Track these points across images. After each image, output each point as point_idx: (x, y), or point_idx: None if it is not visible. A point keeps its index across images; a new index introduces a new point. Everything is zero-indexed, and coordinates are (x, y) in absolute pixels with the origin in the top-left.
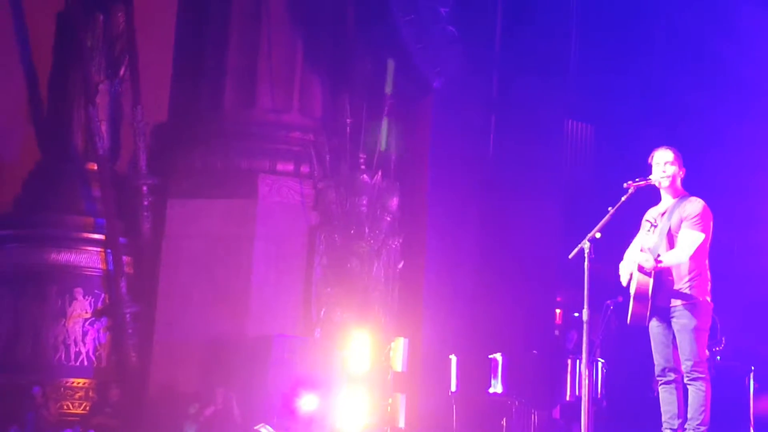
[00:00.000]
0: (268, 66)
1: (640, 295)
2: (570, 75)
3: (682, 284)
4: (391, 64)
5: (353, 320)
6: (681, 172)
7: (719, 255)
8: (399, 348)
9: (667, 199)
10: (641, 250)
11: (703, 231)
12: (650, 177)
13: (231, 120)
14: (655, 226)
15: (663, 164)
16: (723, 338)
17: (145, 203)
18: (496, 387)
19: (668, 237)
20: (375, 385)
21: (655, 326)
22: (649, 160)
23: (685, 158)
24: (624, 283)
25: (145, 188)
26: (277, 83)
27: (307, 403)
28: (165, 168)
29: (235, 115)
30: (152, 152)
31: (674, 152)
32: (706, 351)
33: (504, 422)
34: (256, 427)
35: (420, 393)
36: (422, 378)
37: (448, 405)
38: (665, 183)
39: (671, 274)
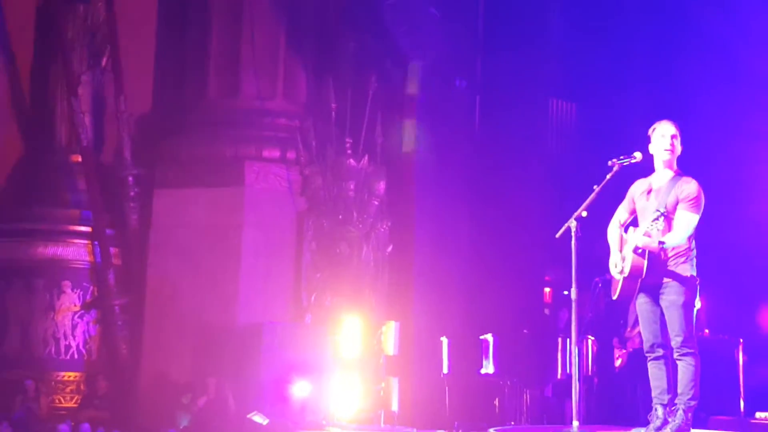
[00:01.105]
0: (251, 52)
1: (633, 274)
2: (553, 54)
3: (671, 262)
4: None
5: (344, 305)
6: (680, 149)
7: (706, 228)
8: (390, 331)
9: (661, 174)
10: (645, 232)
11: (697, 212)
12: (635, 154)
13: (215, 108)
14: (664, 215)
15: (669, 137)
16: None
17: (131, 194)
18: (488, 367)
19: (664, 217)
20: (367, 370)
21: (642, 302)
22: (650, 132)
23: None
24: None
25: (130, 179)
26: (261, 70)
27: (299, 389)
28: (150, 158)
29: (219, 102)
30: (137, 142)
31: (677, 127)
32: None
33: (496, 402)
34: (249, 415)
35: (412, 376)
36: (414, 361)
37: (441, 387)
38: (667, 156)
39: (664, 253)
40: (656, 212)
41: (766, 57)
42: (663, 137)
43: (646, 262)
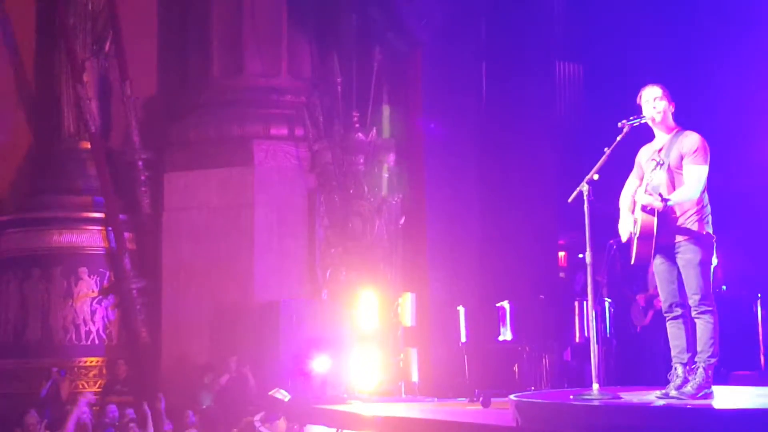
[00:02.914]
0: (254, 30)
1: (645, 234)
2: (557, 17)
3: (684, 219)
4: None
5: (359, 279)
6: (671, 107)
7: (721, 183)
8: (407, 303)
9: (661, 136)
10: (646, 189)
11: (705, 163)
12: (644, 115)
13: (221, 88)
14: (662, 164)
15: (653, 100)
16: (724, 285)
17: (142, 178)
18: (506, 334)
19: (669, 173)
20: (386, 342)
21: (659, 263)
22: (638, 101)
23: (674, 94)
24: (621, 227)
25: (140, 163)
26: (264, 47)
27: (319, 364)
28: (159, 141)
29: (225, 82)
30: (144, 126)
31: (662, 87)
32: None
33: (516, 368)
34: (271, 392)
35: (431, 346)
36: (432, 331)
37: (460, 356)
38: (657, 118)
39: (674, 211)
40: (652, 162)
41: None
42: (647, 102)
43: (656, 220)
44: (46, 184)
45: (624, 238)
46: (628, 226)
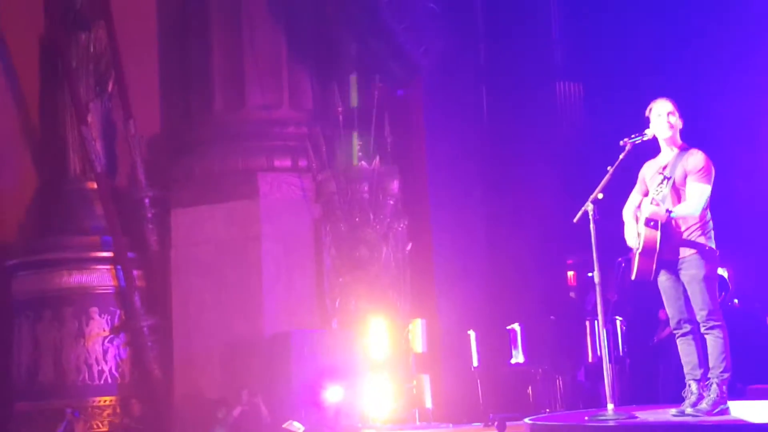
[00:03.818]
0: (254, 63)
1: (648, 249)
2: (555, 37)
3: (687, 235)
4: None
5: (369, 307)
6: (680, 123)
7: (731, 197)
8: (417, 329)
9: (666, 152)
10: (652, 201)
11: (708, 183)
12: (646, 132)
13: (223, 122)
14: (668, 178)
15: (666, 114)
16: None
17: (149, 215)
18: (518, 357)
19: (673, 189)
20: (398, 369)
21: (664, 280)
22: (647, 113)
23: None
24: (628, 237)
25: (146, 201)
26: (265, 80)
27: (332, 394)
28: (164, 178)
29: (227, 117)
30: (149, 164)
31: (673, 103)
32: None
33: (530, 391)
34: (285, 425)
35: (443, 372)
36: (443, 357)
37: (472, 380)
38: (667, 134)
39: (678, 226)
40: (660, 176)
41: None
42: (659, 116)
43: (659, 234)
44: (53, 226)
45: (632, 244)
46: (633, 233)
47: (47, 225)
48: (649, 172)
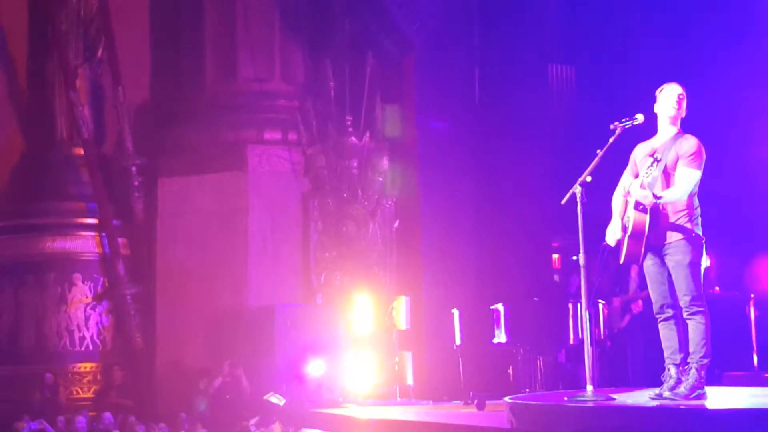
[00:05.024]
0: (246, 35)
1: (637, 232)
2: (549, 19)
3: (674, 221)
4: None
5: (354, 283)
6: (684, 112)
7: (715, 185)
8: (401, 306)
9: (663, 134)
10: (641, 184)
11: (698, 168)
12: (637, 116)
13: (214, 93)
14: (658, 161)
15: (677, 96)
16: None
17: (135, 184)
18: (500, 337)
19: (664, 173)
20: (381, 345)
21: (649, 264)
22: (657, 92)
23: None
24: (609, 232)
25: (133, 169)
26: (257, 52)
27: (314, 368)
28: (152, 147)
29: (218, 87)
30: (138, 132)
31: (685, 91)
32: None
33: (510, 371)
34: (265, 397)
35: (426, 349)
36: (426, 334)
37: (454, 358)
38: (672, 112)
39: (666, 211)
40: (650, 158)
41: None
42: (670, 96)
43: (648, 218)
44: (39, 191)
45: (612, 243)
46: (616, 232)
47: (32, 190)
48: (640, 154)
